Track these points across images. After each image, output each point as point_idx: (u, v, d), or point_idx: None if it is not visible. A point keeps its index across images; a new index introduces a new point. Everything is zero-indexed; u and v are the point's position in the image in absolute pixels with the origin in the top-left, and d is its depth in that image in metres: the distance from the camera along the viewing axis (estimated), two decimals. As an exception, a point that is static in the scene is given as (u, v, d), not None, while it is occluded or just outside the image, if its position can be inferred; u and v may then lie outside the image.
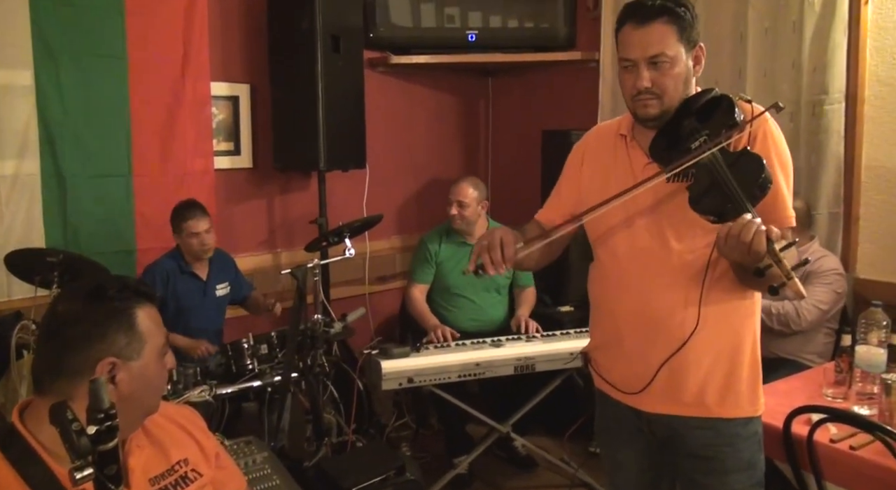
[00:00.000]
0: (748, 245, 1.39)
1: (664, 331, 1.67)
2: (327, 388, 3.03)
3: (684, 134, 1.58)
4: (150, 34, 3.21)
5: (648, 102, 1.62)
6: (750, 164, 1.49)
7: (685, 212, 1.54)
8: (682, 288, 1.65)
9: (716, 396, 1.68)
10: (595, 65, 3.87)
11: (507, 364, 2.92)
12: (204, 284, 3.10)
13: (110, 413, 1.02)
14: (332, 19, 3.34)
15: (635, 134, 1.74)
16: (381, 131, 3.97)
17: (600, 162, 1.81)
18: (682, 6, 1.61)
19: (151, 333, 1.27)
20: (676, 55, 1.59)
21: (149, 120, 3.26)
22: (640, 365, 1.71)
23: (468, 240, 3.46)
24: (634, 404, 1.75)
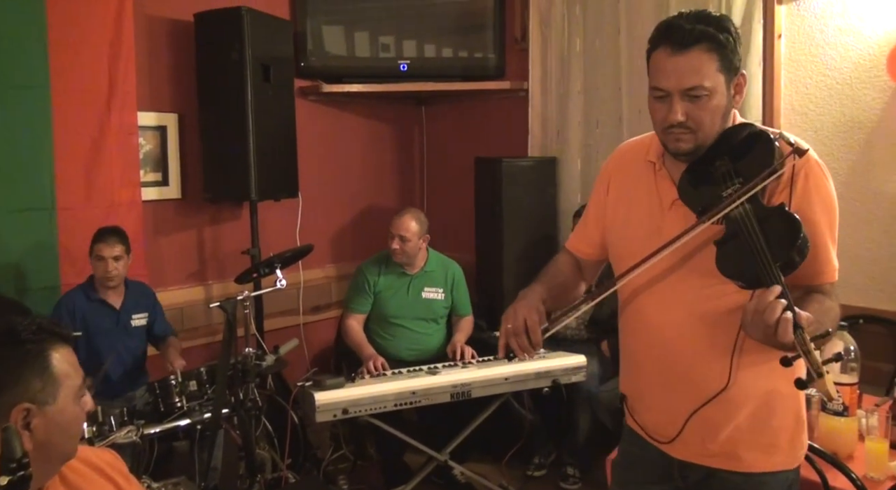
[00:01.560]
0: (772, 328, 1.23)
1: (690, 384, 1.54)
2: (261, 422, 2.96)
3: (717, 176, 1.41)
4: (74, 64, 3.13)
5: (681, 137, 1.45)
6: (785, 225, 1.32)
7: (713, 258, 1.39)
8: (709, 341, 1.50)
9: (750, 451, 1.54)
10: (524, 94, 3.96)
11: (444, 391, 2.91)
12: (117, 313, 3.00)
13: (23, 462, 0.99)
14: (262, 49, 3.33)
15: (665, 162, 1.57)
16: (314, 160, 3.96)
17: (626, 188, 1.66)
18: (726, 31, 1.42)
19: (67, 376, 1.23)
20: (715, 87, 1.41)
21: (73, 151, 3.16)
22: (668, 413, 1.59)
23: (408, 270, 3.46)
24: (665, 449, 1.63)
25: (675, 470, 1.62)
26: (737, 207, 1.36)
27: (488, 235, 3.82)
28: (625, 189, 1.67)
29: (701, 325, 1.50)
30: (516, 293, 1.70)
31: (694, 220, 1.45)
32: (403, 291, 3.45)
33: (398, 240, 3.36)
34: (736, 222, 1.36)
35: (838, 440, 2.00)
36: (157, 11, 3.44)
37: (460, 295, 3.55)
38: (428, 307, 3.47)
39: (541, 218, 3.82)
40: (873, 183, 2.93)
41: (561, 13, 3.79)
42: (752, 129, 1.46)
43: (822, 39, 3.03)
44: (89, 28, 3.17)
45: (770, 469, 1.55)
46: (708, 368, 1.51)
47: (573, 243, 1.82)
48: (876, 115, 2.90)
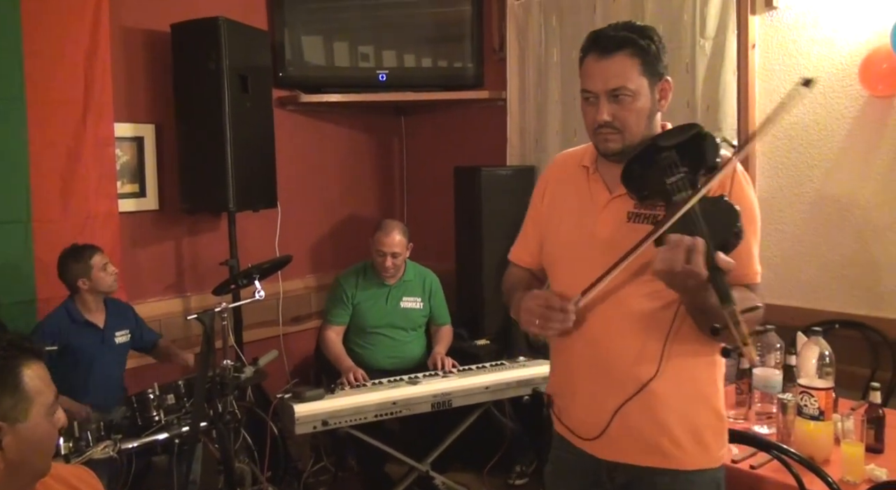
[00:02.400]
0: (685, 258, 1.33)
1: (618, 376, 1.59)
2: (240, 435, 2.93)
3: (662, 165, 1.49)
4: (50, 75, 3.10)
5: (609, 137, 1.55)
6: (725, 213, 1.41)
7: (646, 254, 1.44)
8: (639, 333, 1.56)
9: (674, 447, 1.59)
10: (502, 103, 3.98)
11: (424, 401, 2.91)
12: (101, 333, 2.97)
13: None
14: (240, 59, 3.32)
15: (599, 166, 1.67)
16: (293, 170, 3.95)
17: (560, 194, 1.75)
18: (647, 38, 1.54)
19: (39, 392, 1.21)
20: (639, 89, 1.53)
21: (49, 163, 3.13)
22: (594, 410, 1.63)
23: (387, 280, 3.46)
24: (592, 451, 1.66)
25: (603, 472, 1.65)
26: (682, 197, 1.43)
27: (468, 244, 3.83)
28: (559, 195, 1.75)
29: (632, 320, 1.56)
30: (496, 302, 1.77)
31: (625, 215, 1.57)
32: (382, 302, 3.45)
33: (390, 258, 3.36)
34: (677, 208, 1.42)
35: (814, 444, 2.02)
36: (134, 22, 3.42)
37: (438, 304, 3.56)
38: (406, 316, 3.47)
39: (520, 227, 3.80)
40: (846, 190, 2.97)
41: (538, 24, 3.82)
42: (697, 128, 1.54)
43: (795, 49, 3.08)
44: (65, 39, 3.14)
45: (695, 467, 1.60)
46: (636, 364, 1.57)
47: (515, 254, 1.89)
48: (848, 124, 2.95)
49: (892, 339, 2.82)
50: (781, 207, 3.17)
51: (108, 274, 2.93)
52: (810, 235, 3.09)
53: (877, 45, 2.80)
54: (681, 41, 3.28)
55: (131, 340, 3.08)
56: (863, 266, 2.95)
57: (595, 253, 1.60)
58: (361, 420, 2.82)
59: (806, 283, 3.11)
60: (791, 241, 3.15)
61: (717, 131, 3.14)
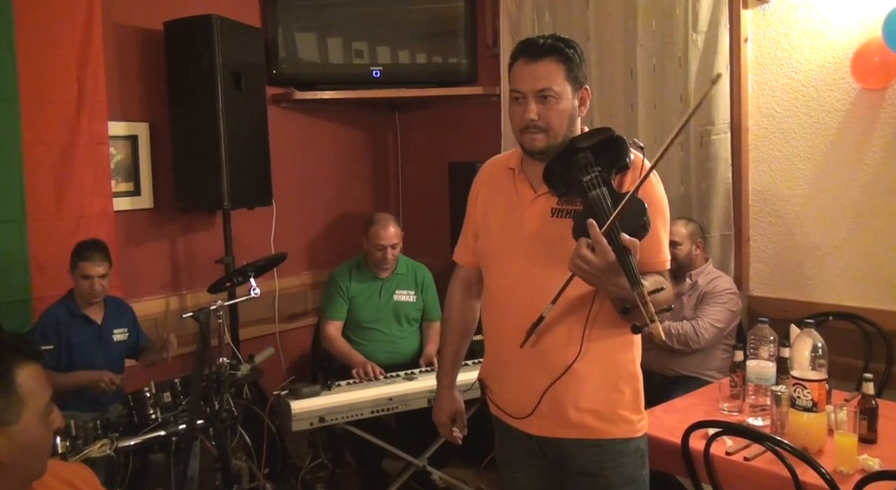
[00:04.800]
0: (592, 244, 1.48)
1: (546, 360, 1.73)
2: (237, 432, 2.94)
3: (579, 164, 1.64)
4: (43, 74, 3.09)
5: (535, 136, 1.69)
6: (633, 207, 1.54)
7: (569, 245, 1.57)
8: (565, 319, 1.70)
9: (597, 419, 1.74)
10: (496, 99, 3.99)
11: (421, 397, 2.92)
12: (99, 329, 2.97)
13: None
14: (233, 56, 3.32)
15: (524, 167, 1.81)
16: (288, 167, 3.95)
17: (491, 195, 1.89)
18: (571, 48, 1.71)
19: (33, 394, 1.19)
20: (563, 92, 1.68)
21: (43, 162, 3.12)
22: (525, 391, 1.77)
23: (379, 274, 3.48)
24: (525, 428, 1.81)
25: (535, 447, 1.82)
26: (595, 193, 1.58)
27: (463, 240, 3.83)
28: (490, 196, 1.90)
29: (558, 307, 1.67)
30: None
31: (549, 211, 1.72)
32: (376, 295, 3.46)
33: (389, 249, 3.39)
34: (593, 201, 1.58)
35: (808, 435, 2.03)
36: (127, 20, 3.41)
37: (430, 299, 3.57)
38: (400, 309, 3.48)
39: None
40: (838, 182, 2.99)
41: (531, 19, 3.82)
42: (610, 132, 1.70)
43: (787, 43, 3.09)
44: (58, 38, 3.13)
45: (618, 436, 1.76)
46: (562, 346, 1.70)
47: (459, 255, 2.05)
48: (841, 116, 2.96)
49: (885, 330, 2.83)
50: (774, 200, 3.18)
51: (86, 285, 2.87)
52: (804, 228, 3.10)
53: (868, 37, 2.81)
54: (673, 36, 3.29)
55: (128, 341, 3.08)
56: (856, 258, 2.96)
57: (524, 246, 1.75)
58: (358, 416, 2.83)
59: (799, 276, 3.12)
60: (784, 234, 3.16)
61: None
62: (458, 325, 2.06)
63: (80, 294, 2.92)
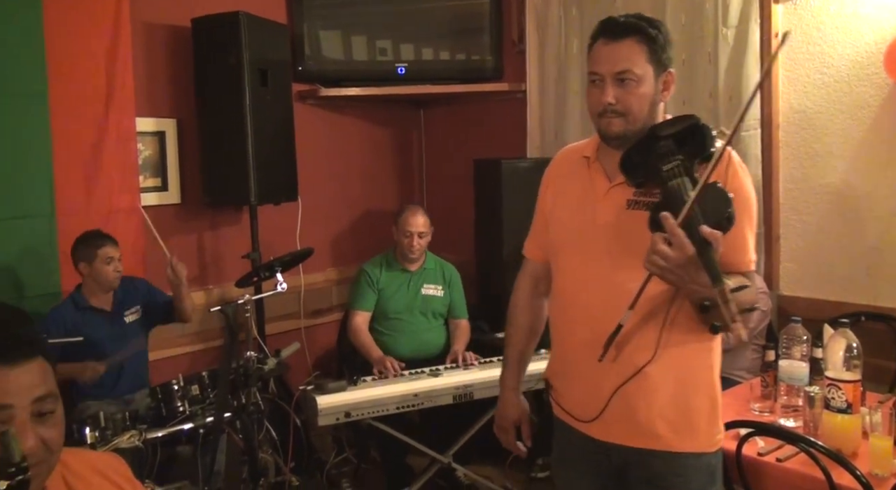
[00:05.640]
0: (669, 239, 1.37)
1: (617, 360, 1.60)
2: (263, 426, 2.96)
3: (659, 153, 1.53)
4: (72, 71, 3.13)
5: (612, 120, 1.60)
6: (717, 199, 1.43)
7: (645, 239, 1.46)
8: (638, 319, 1.57)
9: (668, 429, 1.62)
10: (522, 95, 3.97)
11: (446, 393, 2.91)
12: (109, 316, 2.99)
13: (22, 466, 0.97)
14: (259, 53, 3.33)
15: (600, 156, 1.71)
16: (313, 164, 3.96)
17: (562, 185, 1.80)
18: (655, 28, 1.60)
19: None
20: (644, 75, 1.58)
21: (72, 158, 3.16)
22: (592, 393, 1.66)
23: (409, 267, 3.49)
24: (590, 432, 1.70)
25: (601, 455, 1.69)
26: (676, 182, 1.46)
27: (488, 237, 3.82)
28: (562, 186, 1.80)
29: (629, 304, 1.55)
30: None
31: (625, 203, 1.60)
32: (404, 288, 3.48)
33: (417, 238, 3.42)
34: (672, 191, 1.47)
35: (842, 437, 1.99)
36: (155, 17, 3.44)
37: (457, 296, 3.58)
38: (428, 303, 3.50)
39: (540, 218, 3.82)
40: (871, 179, 2.93)
41: (557, 15, 3.80)
42: (694, 119, 1.58)
43: (819, 37, 3.03)
44: (87, 35, 3.17)
45: (689, 450, 1.63)
46: (634, 346, 1.59)
47: (528, 249, 1.94)
48: (874, 112, 2.91)
49: (919, 331, 2.78)
50: (805, 198, 3.13)
51: (111, 269, 2.92)
52: (835, 226, 3.05)
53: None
54: (703, 30, 3.25)
55: (144, 315, 3.09)
56: (890, 258, 2.91)
57: (596, 239, 1.65)
58: (383, 412, 2.83)
59: (832, 275, 3.07)
60: (815, 233, 3.11)
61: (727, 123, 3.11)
62: (524, 323, 1.95)
63: (103, 280, 2.93)
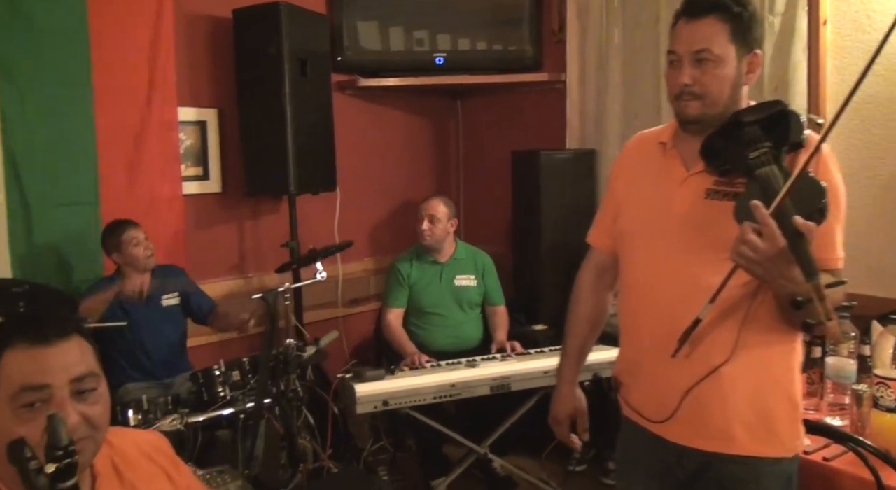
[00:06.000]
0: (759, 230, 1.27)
1: (690, 358, 1.52)
2: (302, 413, 2.98)
3: (745, 140, 1.42)
4: (115, 61, 3.18)
5: (689, 103, 1.52)
6: (810, 189, 1.33)
7: (725, 231, 1.37)
8: (715, 315, 1.48)
9: (745, 432, 1.53)
10: (562, 86, 3.93)
11: (483, 384, 2.90)
12: (146, 298, 3.04)
13: (69, 449, 0.98)
14: (299, 44, 3.35)
15: (677, 142, 1.62)
16: (351, 154, 3.97)
17: (635, 172, 1.71)
18: (741, 5, 1.50)
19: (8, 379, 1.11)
20: (724, 55, 1.48)
21: (115, 147, 3.22)
22: (664, 392, 1.58)
23: (438, 258, 3.49)
24: (662, 433, 1.62)
25: (672, 458, 1.61)
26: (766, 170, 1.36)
27: (525, 229, 3.80)
28: (635, 173, 1.72)
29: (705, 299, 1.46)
30: (554, 287, 1.84)
31: (703, 192, 1.50)
32: (436, 281, 3.47)
33: (427, 220, 3.41)
34: (761, 179, 1.36)
35: (891, 437, 1.94)
36: (196, 8, 3.48)
37: (492, 283, 3.56)
38: (461, 294, 3.49)
39: (579, 211, 3.75)
40: (924, 173, 2.85)
41: (599, 4, 3.75)
42: (781, 105, 1.49)
43: (868, 24, 2.95)
44: (130, 26, 3.22)
45: (766, 455, 1.54)
46: (710, 343, 1.50)
47: (594, 237, 1.87)
48: (926, 103, 2.82)
49: (971, 328, 2.69)
50: (853, 190, 2.99)
51: (141, 249, 2.95)
52: (884, 220, 2.97)
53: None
54: (749, 19, 3.17)
55: (182, 304, 3.14)
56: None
57: (671, 230, 1.56)
58: (420, 401, 2.83)
59: (880, 270, 2.99)
60: (864, 226, 3.03)
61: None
62: (585, 315, 1.87)
63: (138, 263, 2.97)
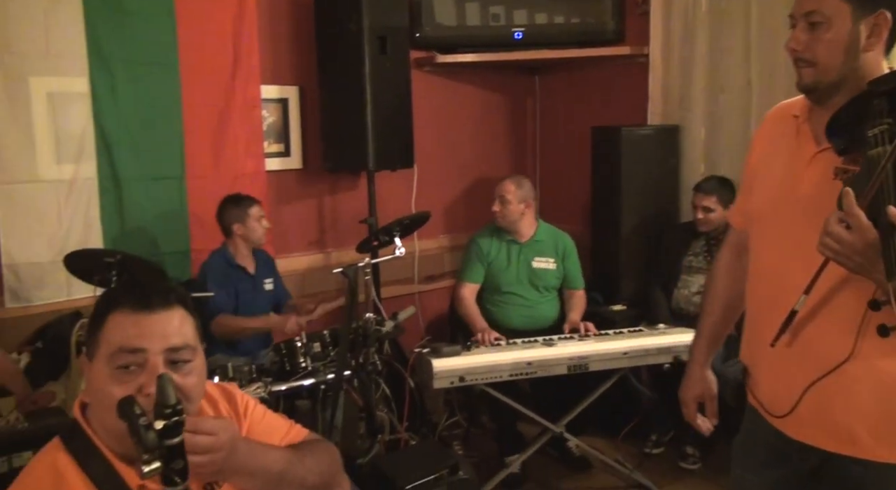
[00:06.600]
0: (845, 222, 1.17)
1: (808, 353, 1.43)
2: (380, 386, 3.03)
3: (869, 114, 1.29)
4: (200, 39, 3.27)
5: (801, 70, 1.40)
6: None
7: None
8: (832, 308, 1.40)
9: (869, 435, 1.41)
10: (644, 59, 3.81)
11: (560, 363, 2.87)
12: (253, 278, 3.13)
13: (177, 408, 1.02)
14: (379, 20, 3.35)
15: (810, 115, 1.48)
16: (428, 131, 3.97)
17: (769, 148, 1.60)
18: None
19: (107, 340, 1.17)
20: (835, 16, 1.35)
21: (201, 123, 3.31)
22: (782, 386, 1.49)
23: (518, 238, 3.44)
24: (783, 428, 1.53)
25: (793, 452, 1.52)
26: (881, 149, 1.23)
27: (604, 207, 3.73)
28: (769, 148, 1.60)
29: (830, 289, 1.38)
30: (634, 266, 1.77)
31: (832, 171, 1.35)
32: (515, 261, 3.44)
33: (498, 201, 3.38)
34: (870, 161, 1.24)
35: None
36: (279, -14, 3.52)
37: (572, 267, 3.49)
38: (539, 276, 3.44)
39: (661, 189, 3.69)
40: None
41: (686, -27, 3.61)
42: None
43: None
44: (214, 6, 3.29)
45: (893, 460, 1.41)
46: (832, 337, 1.40)
47: (732, 215, 1.77)
48: None
49: None
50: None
51: (261, 226, 3.08)
52: None
53: None
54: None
55: (275, 290, 3.23)
56: None
57: (796, 212, 1.44)
58: (496, 378, 2.82)
59: None
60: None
61: None
62: (722, 295, 1.76)
63: (256, 238, 3.08)
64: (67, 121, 3.01)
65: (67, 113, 3.01)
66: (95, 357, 1.18)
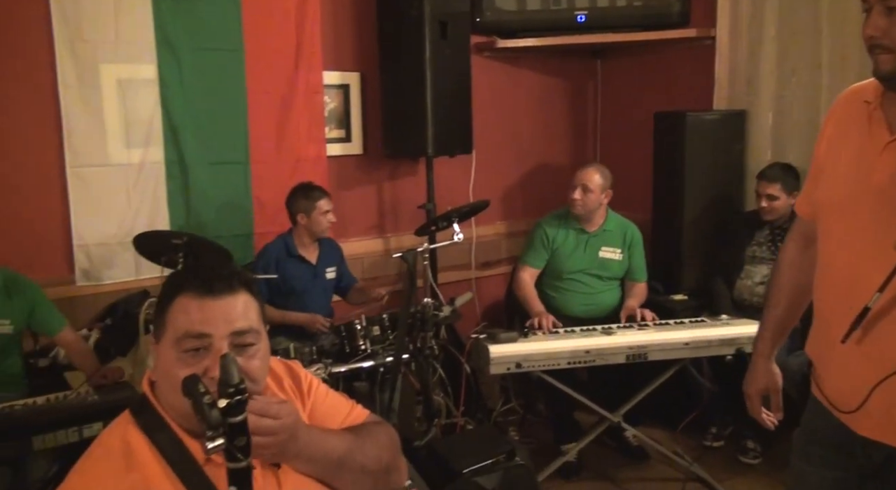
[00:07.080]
0: None
1: (875, 350, 1.38)
2: (436, 370, 3.05)
3: None
4: (264, 26, 3.32)
5: (879, 57, 1.33)
6: None
7: None
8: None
9: None
10: (711, 42, 3.71)
11: (619, 352, 2.84)
12: (314, 268, 3.18)
13: (240, 387, 1.04)
14: (440, 5, 3.34)
15: (884, 101, 1.41)
16: (487, 116, 3.95)
17: (839, 134, 1.52)
18: None
19: (173, 323, 1.19)
20: None
21: (264, 109, 3.37)
22: (850, 382, 1.44)
23: (586, 227, 3.37)
24: (848, 423, 1.48)
25: (857, 447, 1.46)
26: None
27: (667, 194, 3.66)
28: (838, 134, 1.52)
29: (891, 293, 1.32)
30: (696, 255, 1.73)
31: None
32: (581, 249, 3.37)
33: (580, 190, 3.27)
34: None
35: None
36: (341, -28, 3.54)
37: (636, 258, 3.41)
38: (604, 266, 3.38)
39: (725, 176, 3.59)
40: None
41: (756, -48, 3.49)
42: None
43: None
44: (279, -7, 3.33)
45: None
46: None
47: (798, 203, 1.69)
48: None
49: None
50: None
51: (326, 219, 3.12)
52: None
53: None
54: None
55: (337, 279, 3.28)
56: None
57: (866, 204, 1.38)
58: (554, 366, 2.81)
59: None
60: None
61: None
62: (788, 287, 1.71)
63: (319, 230, 3.13)
64: (136, 107, 3.10)
65: (136, 99, 3.10)
66: (162, 339, 1.21)
